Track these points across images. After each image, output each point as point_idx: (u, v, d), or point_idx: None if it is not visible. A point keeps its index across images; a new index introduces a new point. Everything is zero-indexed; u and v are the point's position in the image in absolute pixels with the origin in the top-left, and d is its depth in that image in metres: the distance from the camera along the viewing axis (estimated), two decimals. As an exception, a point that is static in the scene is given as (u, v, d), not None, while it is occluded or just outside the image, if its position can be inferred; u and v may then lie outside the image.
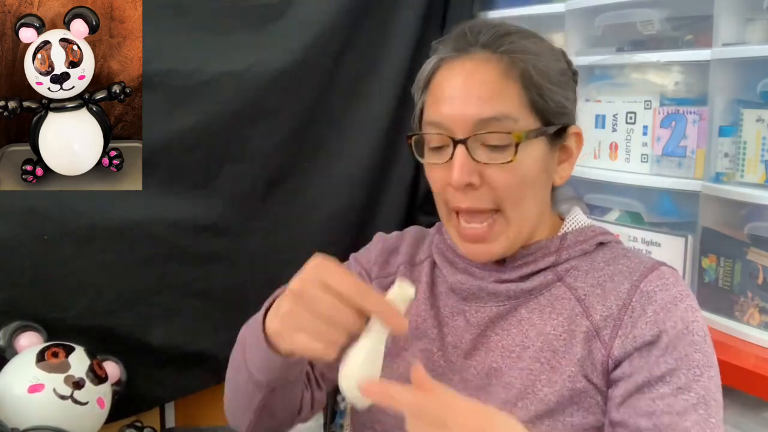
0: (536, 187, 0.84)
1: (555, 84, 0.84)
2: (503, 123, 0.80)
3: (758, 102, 1.22)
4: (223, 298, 1.66)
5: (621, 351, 0.80)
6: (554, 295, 0.85)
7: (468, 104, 0.81)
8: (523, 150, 0.81)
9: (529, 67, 0.82)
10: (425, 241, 0.99)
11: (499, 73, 0.81)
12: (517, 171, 0.81)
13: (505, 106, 0.80)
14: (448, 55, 0.85)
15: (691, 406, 0.76)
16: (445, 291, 0.92)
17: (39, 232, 1.50)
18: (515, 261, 0.87)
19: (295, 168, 1.69)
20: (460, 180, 0.80)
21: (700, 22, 1.33)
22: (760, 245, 1.19)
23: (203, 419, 1.78)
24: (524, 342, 0.84)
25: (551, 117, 0.83)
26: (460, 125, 0.81)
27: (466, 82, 0.82)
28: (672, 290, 0.81)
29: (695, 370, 0.78)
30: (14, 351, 1.44)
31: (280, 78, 1.61)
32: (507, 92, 0.81)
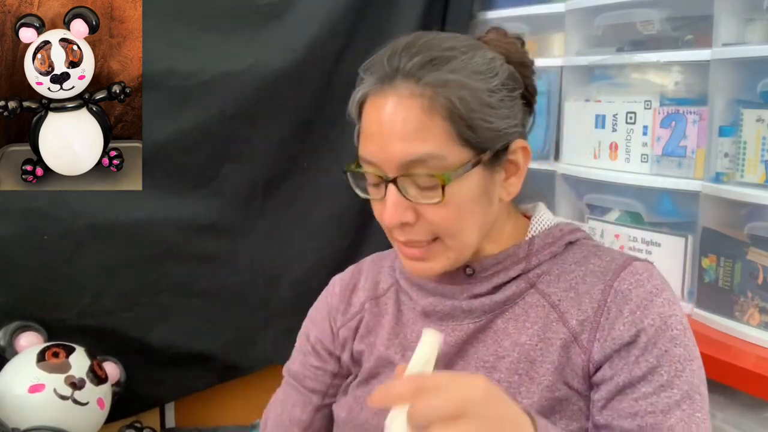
0: (475, 215, 0.81)
1: (486, 109, 0.79)
2: (429, 163, 0.77)
3: (758, 102, 1.22)
4: (223, 298, 1.66)
5: (600, 354, 0.78)
6: (528, 303, 0.84)
7: (391, 144, 0.78)
8: (452, 188, 0.78)
9: (453, 100, 0.77)
10: (385, 267, 0.96)
11: (422, 109, 0.77)
12: (451, 206, 0.78)
13: (429, 146, 0.77)
14: (372, 87, 0.82)
15: (674, 403, 0.75)
16: (413, 318, 0.89)
17: (39, 232, 1.50)
18: (485, 271, 0.85)
19: (295, 168, 1.69)
20: (393, 221, 0.79)
21: (700, 22, 1.33)
22: (760, 245, 1.19)
23: (203, 419, 1.78)
24: (498, 352, 0.82)
25: (485, 144, 0.79)
26: (388, 165, 0.79)
27: (389, 120, 0.78)
28: (647, 286, 0.80)
29: (677, 366, 0.77)
30: (14, 351, 1.44)
31: (280, 78, 1.61)
32: (431, 130, 0.77)
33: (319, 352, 0.96)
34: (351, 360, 0.94)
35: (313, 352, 0.97)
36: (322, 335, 0.97)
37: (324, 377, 0.96)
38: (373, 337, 0.92)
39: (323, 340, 0.96)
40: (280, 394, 1.01)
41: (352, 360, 0.94)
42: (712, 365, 1.14)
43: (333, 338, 0.96)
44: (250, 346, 1.67)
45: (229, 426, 1.76)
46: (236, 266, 1.67)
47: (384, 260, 0.98)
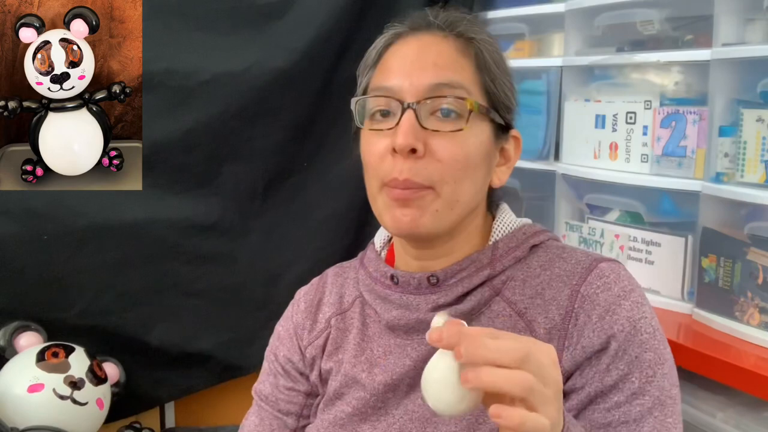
0: (476, 173, 0.81)
1: (506, 75, 0.84)
2: (457, 90, 0.79)
3: (758, 102, 1.22)
4: (223, 298, 1.66)
5: (570, 362, 0.77)
6: (494, 312, 0.82)
7: (423, 70, 0.80)
8: (473, 123, 0.79)
9: (483, 51, 0.82)
10: (349, 279, 0.94)
11: (456, 49, 0.81)
12: (464, 145, 0.79)
13: (461, 77, 0.80)
14: (403, 30, 0.85)
15: (646, 410, 0.74)
16: (378, 331, 0.87)
17: (39, 232, 1.50)
18: (448, 279, 0.83)
19: (295, 168, 1.69)
20: (404, 143, 0.76)
21: (700, 22, 1.33)
22: (760, 245, 1.19)
23: (203, 419, 1.78)
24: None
25: (499, 107, 0.83)
26: (411, 91, 0.79)
27: (423, 50, 0.81)
28: (614, 289, 0.78)
29: (647, 371, 0.75)
30: (14, 351, 1.44)
31: (280, 78, 1.61)
32: (463, 67, 0.81)
33: (290, 372, 0.94)
34: (319, 379, 0.92)
35: (283, 372, 0.95)
36: (291, 354, 0.95)
37: (297, 398, 0.94)
38: (341, 353, 0.90)
39: (292, 359, 0.94)
40: (254, 418, 0.98)
41: (320, 379, 0.92)
42: (712, 365, 1.14)
43: (301, 357, 0.94)
44: (250, 346, 1.67)
45: (229, 426, 1.75)
46: (236, 266, 1.66)
47: (348, 272, 0.96)
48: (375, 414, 0.84)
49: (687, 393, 1.20)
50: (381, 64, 0.85)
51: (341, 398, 0.87)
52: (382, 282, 0.87)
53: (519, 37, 1.69)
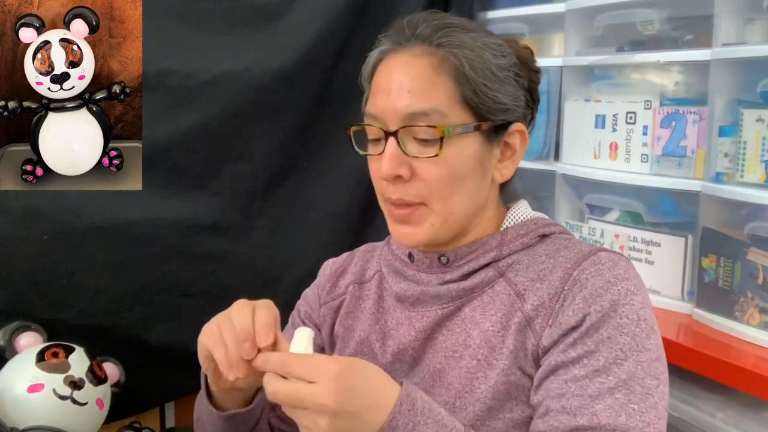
0: (468, 183, 0.84)
1: (492, 80, 0.83)
2: (431, 117, 0.81)
3: (758, 102, 1.22)
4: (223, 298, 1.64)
5: (549, 339, 0.79)
6: (495, 291, 0.85)
7: (399, 97, 0.82)
8: (451, 145, 0.81)
9: (462, 62, 0.82)
10: (374, 257, 1.00)
11: (432, 67, 0.82)
12: (445, 165, 0.82)
13: (434, 101, 0.81)
14: (387, 48, 0.86)
15: (607, 389, 0.74)
16: (392, 303, 0.92)
17: (39, 232, 1.50)
18: (458, 260, 0.87)
19: (295, 168, 1.69)
20: (389, 172, 0.82)
21: (700, 22, 1.33)
22: (760, 245, 1.19)
23: (203, 419, 1.78)
24: (466, 341, 0.84)
25: (486, 113, 0.83)
26: (392, 118, 0.82)
27: (400, 75, 0.83)
28: (605, 275, 0.79)
29: (617, 353, 0.75)
30: (14, 351, 1.43)
31: (280, 78, 1.61)
32: (438, 87, 0.81)
33: (306, 323, 1.01)
34: (329, 339, 0.98)
35: (301, 323, 1.01)
36: (311, 309, 1.02)
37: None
38: (351, 320, 0.95)
39: (311, 314, 1.01)
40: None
41: (330, 339, 0.98)
42: (712, 365, 1.14)
43: (319, 311, 1.00)
44: (250, 346, 1.67)
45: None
46: (236, 266, 1.66)
47: (375, 249, 1.01)
48: None
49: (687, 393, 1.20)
50: (372, 85, 0.87)
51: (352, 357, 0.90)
52: (401, 259, 0.93)
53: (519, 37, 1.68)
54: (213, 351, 0.79)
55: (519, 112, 0.87)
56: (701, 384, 1.18)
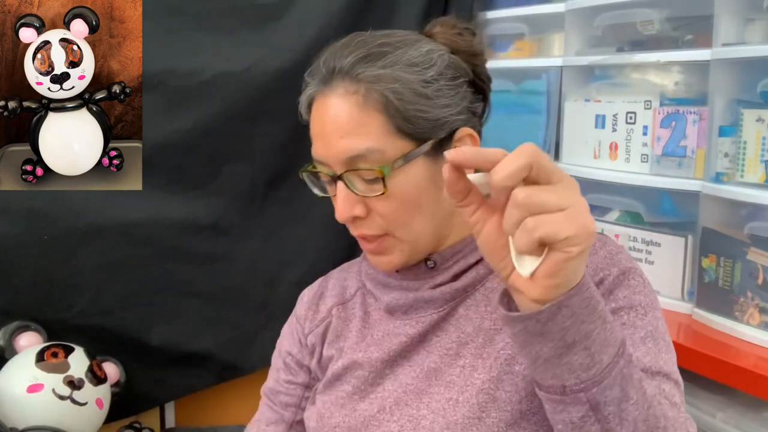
0: (424, 205, 0.82)
1: (422, 101, 0.80)
2: (369, 157, 0.79)
3: (758, 102, 1.22)
4: (223, 298, 1.66)
5: None
6: (488, 288, 0.85)
7: (334, 142, 0.81)
8: (395, 178, 0.79)
9: (387, 94, 0.79)
10: (351, 273, 0.98)
11: (358, 106, 0.79)
12: (395, 198, 0.80)
13: (367, 141, 0.79)
14: (314, 90, 0.84)
15: (639, 339, 0.75)
16: (379, 318, 0.90)
17: (39, 232, 1.50)
18: (445, 263, 0.86)
19: (295, 168, 1.68)
20: (344, 215, 0.82)
21: (700, 22, 1.33)
22: (760, 245, 1.19)
23: (203, 419, 1.78)
24: (461, 338, 0.83)
25: (424, 134, 0.81)
26: (334, 162, 0.81)
27: (329, 120, 0.81)
28: (600, 252, 0.80)
29: (638, 309, 0.76)
30: (14, 351, 1.44)
31: (280, 78, 1.61)
32: (368, 125, 0.79)
33: (290, 365, 0.97)
34: (318, 366, 0.94)
35: (284, 366, 0.98)
36: (291, 347, 0.98)
37: (296, 390, 0.96)
38: (342, 341, 0.92)
39: (292, 352, 0.97)
40: (257, 414, 1.01)
41: (319, 366, 0.94)
42: (712, 365, 1.14)
43: (301, 347, 0.97)
44: (250, 346, 1.67)
45: (229, 426, 1.76)
46: (236, 266, 1.66)
47: (352, 266, 0.99)
48: (373, 390, 0.86)
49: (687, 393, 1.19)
50: (311, 128, 0.86)
51: (340, 379, 0.89)
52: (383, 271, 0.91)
53: (519, 37, 1.69)
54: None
55: (461, 118, 0.84)
56: (701, 384, 1.18)
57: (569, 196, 0.56)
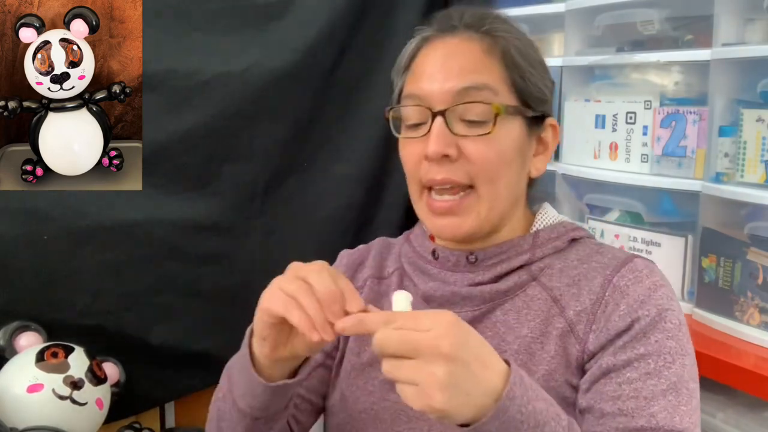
0: (511, 168, 0.83)
1: (536, 68, 0.85)
2: (483, 93, 0.80)
3: (758, 102, 1.22)
4: (223, 298, 1.66)
5: (595, 344, 0.79)
6: (529, 296, 0.84)
7: (449, 77, 0.81)
8: (501, 125, 0.81)
9: (510, 48, 0.82)
10: (392, 253, 0.98)
11: (482, 50, 0.82)
12: (494, 145, 0.81)
13: (487, 78, 0.81)
14: (431, 34, 0.86)
15: (660, 392, 0.75)
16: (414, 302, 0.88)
17: (39, 232, 1.50)
18: (487, 260, 0.86)
19: (295, 168, 1.69)
20: (436, 150, 0.80)
21: (700, 22, 1.33)
22: (760, 245, 1.19)
23: (203, 419, 1.77)
24: (500, 345, 0.83)
25: (531, 101, 0.84)
26: (440, 98, 0.81)
27: (448, 56, 0.83)
28: (645, 282, 0.80)
29: (666, 357, 0.76)
30: (14, 351, 1.43)
31: (280, 78, 1.61)
32: (490, 67, 0.82)
33: None
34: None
35: None
36: None
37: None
38: None
39: None
40: None
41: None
42: (712, 365, 1.14)
43: None
44: (250, 346, 1.67)
45: (229, 426, 1.75)
46: (236, 266, 1.66)
47: (393, 246, 0.99)
48: None
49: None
50: (412, 69, 0.86)
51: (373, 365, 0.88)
52: (423, 257, 0.90)
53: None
54: (288, 315, 0.71)
55: (549, 103, 0.88)
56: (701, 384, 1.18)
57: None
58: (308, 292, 0.70)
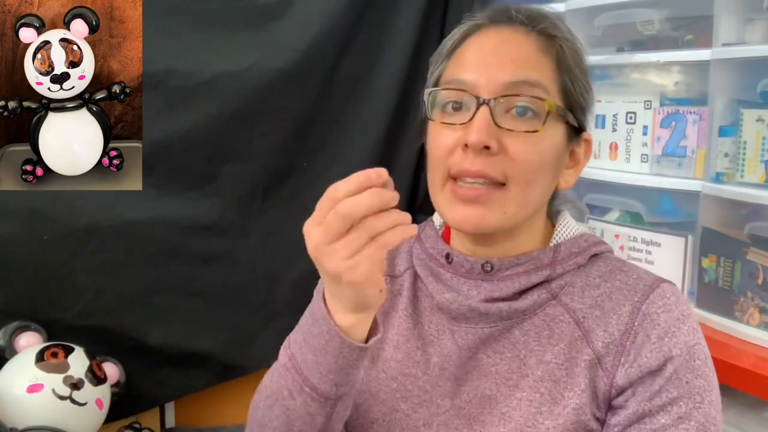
0: (548, 174, 0.79)
1: (585, 76, 0.82)
2: (536, 89, 0.76)
3: (758, 102, 1.22)
4: (223, 298, 1.66)
5: (624, 379, 0.76)
6: (550, 316, 0.80)
7: (501, 66, 0.77)
8: (549, 125, 0.76)
9: (564, 51, 0.79)
10: (403, 251, 0.93)
11: (537, 47, 0.79)
12: (539, 146, 0.77)
13: (541, 75, 0.77)
14: (483, 22, 0.82)
15: None
16: (429, 307, 0.86)
17: (39, 232, 1.50)
18: (504, 270, 0.81)
19: (295, 168, 1.69)
20: (479, 139, 0.74)
21: (700, 22, 1.33)
22: (760, 245, 1.19)
23: (203, 419, 1.78)
24: (522, 369, 0.79)
25: (575, 108, 0.80)
26: (488, 86, 0.76)
27: (502, 45, 0.79)
28: (674, 312, 0.78)
29: (696, 397, 0.75)
30: (14, 351, 1.44)
31: (280, 78, 1.61)
32: (543, 65, 0.78)
33: None
34: None
35: None
36: None
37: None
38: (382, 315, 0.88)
39: None
40: None
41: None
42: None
43: None
44: (250, 346, 1.67)
45: (229, 426, 1.76)
46: (236, 266, 1.66)
47: (403, 244, 0.93)
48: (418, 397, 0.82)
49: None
50: (457, 55, 0.82)
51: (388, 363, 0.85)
52: (436, 260, 0.85)
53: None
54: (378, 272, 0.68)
55: (588, 116, 0.84)
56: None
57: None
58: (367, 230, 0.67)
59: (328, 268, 0.70)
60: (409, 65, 1.71)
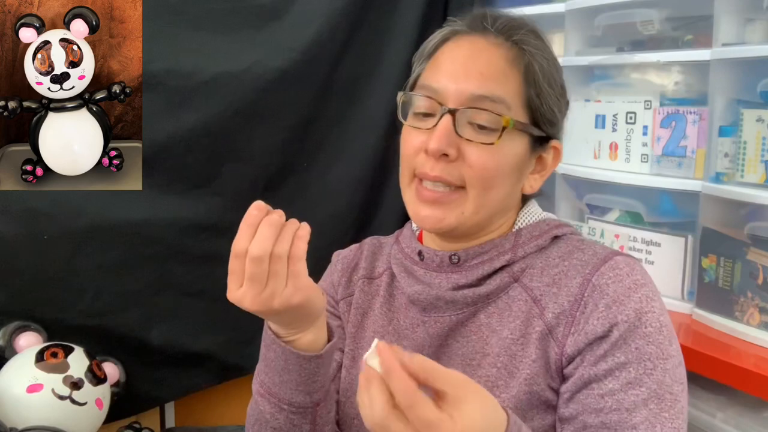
0: (505, 182, 0.83)
1: (554, 91, 0.85)
2: (497, 105, 0.80)
3: (758, 102, 1.22)
4: (223, 298, 1.64)
5: (573, 348, 0.78)
6: (512, 298, 0.84)
7: (468, 78, 0.81)
8: (506, 138, 0.81)
9: (534, 64, 0.82)
10: (383, 253, 0.99)
11: (506, 59, 0.82)
12: (495, 156, 0.81)
13: (503, 90, 0.81)
14: (460, 28, 0.85)
15: (641, 401, 0.75)
16: (404, 303, 0.91)
17: (39, 232, 1.50)
18: (469, 260, 0.85)
19: (295, 168, 1.69)
20: (438, 147, 0.80)
21: (700, 22, 1.33)
22: (760, 245, 1.19)
23: (203, 419, 1.78)
24: (484, 349, 0.83)
25: (541, 121, 0.84)
26: (454, 96, 0.81)
27: (472, 56, 0.82)
28: (625, 281, 0.79)
29: (646, 363, 0.76)
30: (14, 351, 1.44)
31: (280, 78, 1.61)
32: (509, 79, 0.81)
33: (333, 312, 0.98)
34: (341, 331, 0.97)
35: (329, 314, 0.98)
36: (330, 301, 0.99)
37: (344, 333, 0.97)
38: (361, 317, 0.94)
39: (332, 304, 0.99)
40: None
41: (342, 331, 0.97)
42: (712, 365, 1.14)
43: (336, 306, 0.98)
44: (250, 346, 1.66)
45: (229, 426, 1.76)
46: (236, 266, 1.66)
47: (384, 246, 1.00)
48: None
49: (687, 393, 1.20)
50: (433, 60, 0.86)
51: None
52: (411, 257, 0.91)
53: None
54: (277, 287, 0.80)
55: (559, 127, 0.88)
56: (701, 384, 1.18)
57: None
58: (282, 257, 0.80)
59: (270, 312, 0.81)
60: (409, 65, 1.70)
